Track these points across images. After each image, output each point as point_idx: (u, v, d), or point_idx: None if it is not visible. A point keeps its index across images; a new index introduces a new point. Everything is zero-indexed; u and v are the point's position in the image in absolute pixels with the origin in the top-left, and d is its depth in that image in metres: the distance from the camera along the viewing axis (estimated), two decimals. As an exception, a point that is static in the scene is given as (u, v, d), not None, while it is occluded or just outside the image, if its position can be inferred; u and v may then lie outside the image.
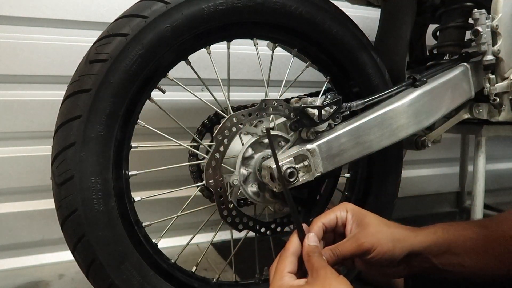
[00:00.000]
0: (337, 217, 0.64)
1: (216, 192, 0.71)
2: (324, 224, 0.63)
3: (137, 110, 0.74)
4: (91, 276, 0.67)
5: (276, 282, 0.53)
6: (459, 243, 0.60)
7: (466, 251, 0.60)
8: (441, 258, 0.61)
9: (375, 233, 0.60)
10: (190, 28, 0.72)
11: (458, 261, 0.60)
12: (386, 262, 0.60)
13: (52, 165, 0.66)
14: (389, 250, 0.59)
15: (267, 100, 0.74)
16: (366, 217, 0.63)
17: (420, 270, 0.63)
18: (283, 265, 0.55)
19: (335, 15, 0.84)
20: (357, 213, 0.64)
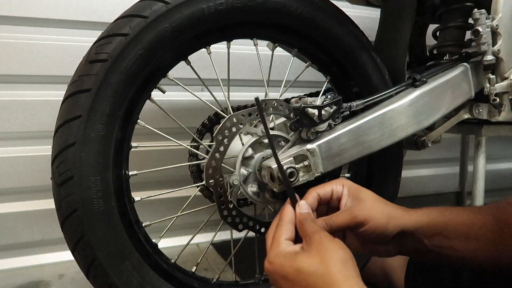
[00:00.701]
0: (332, 190, 0.63)
1: (216, 192, 0.71)
2: (319, 195, 0.62)
3: (137, 110, 0.74)
4: (91, 276, 0.67)
5: (273, 250, 0.53)
6: (452, 227, 0.60)
7: (458, 235, 0.60)
8: (433, 240, 0.61)
9: (370, 208, 0.60)
10: (190, 28, 0.72)
11: (450, 244, 0.60)
12: (378, 237, 0.60)
13: (52, 165, 0.66)
14: (382, 225, 0.59)
15: (267, 100, 0.74)
16: (362, 192, 0.63)
17: (411, 250, 0.63)
18: (280, 232, 0.55)
19: (335, 15, 0.84)
20: (353, 188, 0.63)
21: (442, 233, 0.60)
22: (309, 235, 0.52)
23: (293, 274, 0.50)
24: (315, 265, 0.49)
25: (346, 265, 0.49)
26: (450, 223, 0.61)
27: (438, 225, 0.61)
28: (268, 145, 0.80)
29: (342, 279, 0.47)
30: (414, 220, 0.61)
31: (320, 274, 0.48)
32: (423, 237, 0.61)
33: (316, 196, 0.62)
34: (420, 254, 0.63)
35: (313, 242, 0.51)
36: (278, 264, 0.51)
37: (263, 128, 0.74)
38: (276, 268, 0.52)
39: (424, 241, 0.61)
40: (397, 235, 0.61)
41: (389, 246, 0.63)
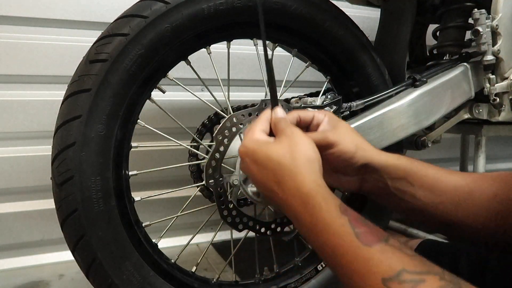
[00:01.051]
0: (314, 116, 0.65)
1: (216, 192, 0.71)
2: (300, 116, 0.64)
3: (137, 110, 0.74)
4: (91, 276, 0.67)
5: (249, 137, 0.56)
6: (418, 176, 0.62)
7: (422, 185, 0.61)
8: (396, 183, 0.62)
9: (342, 133, 0.62)
10: (190, 28, 0.72)
11: (412, 191, 0.61)
12: (343, 164, 0.62)
13: (52, 165, 0.66)
14: (350, 151, 0.61)
15: (267, 100, 0.74)
16: (340, 122, 0.65)
17: (373, 188, 0.64)
18: (256, 124, 0.58)
19: (335, 15, 0.84)
20: (333, 118, 0.65)
21: (407, 179, 0.61)
22: (282, 130, 0.56)
23: (263, 160, 0.53)
24: (285, 155, 0.52)
25: (311, 163, 0.52)
26: (418, 172, 0.62)
27: (405, 170, 0.62)
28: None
29: (306, 173, 0.51)
30: (381, 159, 0.62)
31: (287, 163, 0.52)
32: (387, 178, 0.62)
33: (296, 116, 0.64)
34: (380, 194, 0.64)
35: (285, 135, 0.54)
36: (251, 149, 0.55)
37: None
38: (248, 152, 0.55)
39: (388, 181, 0.62)
40: (362, 168, 0.62)
41: (352, 178, 0.65)
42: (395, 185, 0.62)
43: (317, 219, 0.47)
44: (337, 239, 0.45)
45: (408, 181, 0.62)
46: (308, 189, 0.50)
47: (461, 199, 0.60)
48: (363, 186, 0.66)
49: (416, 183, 0.62)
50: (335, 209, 0.47)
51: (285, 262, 0.90)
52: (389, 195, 0.63)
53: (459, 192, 0.61)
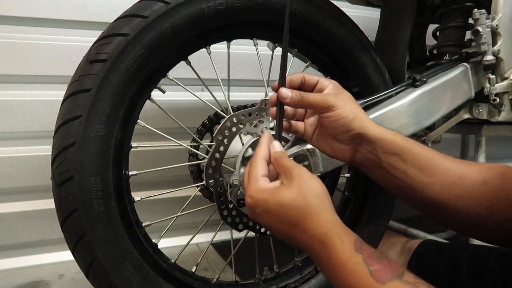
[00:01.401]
0: (319, 80, 0.65)
1: (216, 192, 0.72)
2: (305, 77, 0.64)
3: (137, 110, 0.74)
4: (91, 276, 0.67)
5: (252, 186, 0.55)
6: (411, 154, 0.62)
7: (415, 163, 0.62)
8: (389, 158, 0.63)
9: (342, 100, 0.62)
10: (190, 28, 0.72)
11: (403, 168, 0.62)
12: (340, 129, 0.62)
13: (52, 165, 0.66)
14: (347, 116, 0.61)
15: (267, 100, 0.74)
16: (343, 91, 0.66)
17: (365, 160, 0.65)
18: (256, 169, 0.56)
19: (335, 15, 0.84)
20: (337, 86, 0.66)
21: (400, 155, 0.62)
22: (288, 170, 0.54)
23: (275, 208, 0.52)
24: (297, 199, 0.52)
25: (323, 199, 0.53)
26: (412, 150, 0.63)
27: (399, 146, 0.63)
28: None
29: (321, 212, 0.51)
30: (377, 131, 0.63)
31: (301, 207, 0.51)
32: (380, 151, 0.63)
33: (301, 76, 0.64)
34: (372, 167, 0.65)
35: (293, 176, 0.53)
36: (261, 200, 0.53)
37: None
38: (258, 203, 0.54)
39: (380, 155, 0.63)
40: (357, 137, 0.63)
41: (346, 147, 0.65)
42: (387, 159, 0.63)
43: (335, 259, 0.48)
44: (353, 278, 0.46)
45: (401, 157, 0.62)
46: (324, 230, 0.50)
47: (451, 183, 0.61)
48: (355, 157, 0.66)
49: (408, 161, 0.62)
50: (350, 248, 0.48)
51: (285, 262, 0.90)
52: (380, 169, 0.64)
53: (450, 175, 0.62)
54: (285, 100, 0.61)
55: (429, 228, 1.17)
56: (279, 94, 0.61)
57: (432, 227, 1.23)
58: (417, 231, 1.18)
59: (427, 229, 1.16)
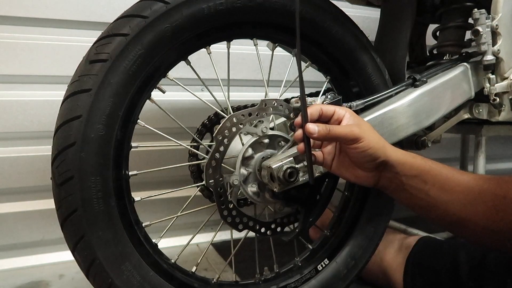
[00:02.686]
0: (335, 110, 0.67)
1: (216, 192, 0.72)
2: (322, 109, 0.66)
3: (137, 110, 0.74)
4: (91, 276, 0.67)
5: None
6: (431, 174, 0.65)
7: (435, 183, 0.64)
8: (410, 180, 0.65)
9: (366, 130, 0.65)
10: (190, 28, 0.72)
11: (425, 189, 0.64)
12: (366, 158, 0.64)
13: (52, 165, 0.66)
14: (374, 147, 0.63)
15: (267, 100, 0.74)
16: (362, 120, 0.68)
17: (388, 184, 0.67)
18: None
19: (335, 15, 0.84)
20: (354, 115, 0.68)
21: (421, 176, 0.64)
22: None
23: None
24: None
25: None
26: (431, 171, 0.65)
27: (419, 168, 0.65)
28: (267, 145, 0.80)
29: None
30: (398, 155, 0.65)
31: None
32: (402, 174, 0.65)
33: (319, 109, 0.66)
34: (395, 190, 0.67)
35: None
36: None
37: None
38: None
39: (402, 178, 0.65)
40: (381, 165, 0.65)
41: (369, 174, 0.67)
42: (409, 182, 0.65)
43: None
44: None
45: (422, 179, 0.64)
46: None
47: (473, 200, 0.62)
48: (378, 182, 0.68)
49: (429, 182, 0.64)
50: None
51: (285, 262, 0.90)
52: (403, 191, 0.66)
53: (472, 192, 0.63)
54: (313, 135, 0.62)
55: (429, 228, 1.17)
56: (306, 130, 0.62)
57: (432, 227, 1.23)
58: (417, 231, 1.18)
59: (427, 229, 1.16)
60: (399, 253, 0.96)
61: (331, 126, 0.63)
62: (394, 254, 0.97)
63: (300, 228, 0.72)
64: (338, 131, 0.63)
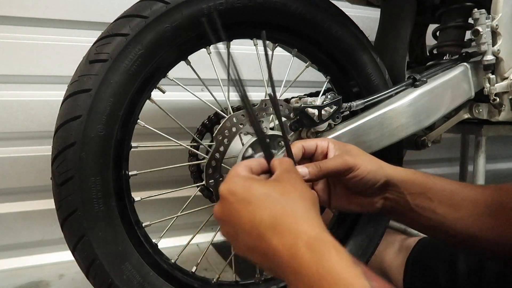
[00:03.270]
0: (317, 144, 0.62)
1: (216, 192, 0.71)
2: (304, 147, 0.61)
3: (137, 110, 0.74)
4: (91, 276, 0.67)
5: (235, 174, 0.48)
6: (435, 191, 0.61)
7: (441, 200, 0.61)
8: (415, 198, 0.61)
9: (358, 155, 0.60)
10: (190, 28, 0.72)
11: (431, 206, 0.61)
12: (365, 185, 0.60)
13: (52, 165, 0.66)
14: (372, 170, 0.59)
15: (267, 100, 0.74)
16: (348, 145, 0.63)
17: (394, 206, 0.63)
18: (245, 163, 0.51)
19: (335, 15, 0.84)
20: (338, 143, 0.63)
21: (426, 194, 0.61)
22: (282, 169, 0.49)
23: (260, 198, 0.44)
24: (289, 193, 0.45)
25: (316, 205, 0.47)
26: (435, 187, 0.61)
27: (423, 185, 0.61)
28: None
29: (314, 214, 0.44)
30: (399, 173, 0.61)
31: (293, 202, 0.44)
32: (407, 193, 0.61)
33: (301, 147, 0.60)
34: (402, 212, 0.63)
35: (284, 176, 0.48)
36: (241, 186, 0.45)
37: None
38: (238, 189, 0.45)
39: (407, 197, 0.61)
40: (383, 187, 0.61)
41: (374, 199, 0.63)
42: (414, 201, 0.61)
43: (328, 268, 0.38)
44: None
45: (427, 196, 0.61)
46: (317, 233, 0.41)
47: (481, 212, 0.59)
48: (384, 205, 0.64)
49: (435, 198, 0.61)
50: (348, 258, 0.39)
51: (285, 262, 0.90)
52: (410, 212, 0.62)
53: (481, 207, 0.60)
54: (305, 178, 0.56)
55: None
56: None
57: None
58: (417, 232, 1.18)
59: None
60: (399, 254, 0.96)
61: (321, 163, 0.58)
62: (394, 255, 0.97)
63: None
64: (330, 165, 0.58)
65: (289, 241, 0.41)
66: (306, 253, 0.39)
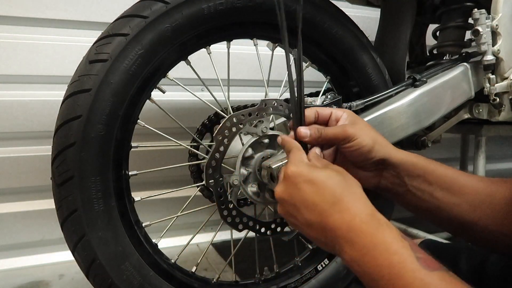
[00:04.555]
0: (332, 112, 0.65)
1: (216, 192, 0.71)
2: (318, 112, 0.64)
3: (137, 110, 0.74)
4: (91, 276, 0.67)
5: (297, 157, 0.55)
6: (435, 175, 0.62)
7: (440, 185, 0.62)
8: (414, 181, 0.62)
9: (360, 128, 0.62)
10: (190, 28, 0.72)
11: (429, 190, 0.62)
12: (362, 157, 0.62)
13: (52, 165, 0.66)
14: (368, 144, 0.61)
15: (267, 100, 0.74)
16: (359, 119, 0.65)
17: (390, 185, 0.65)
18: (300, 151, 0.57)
19: (335, 15, 0.84)
20: (352, 115, 0.65)
21: (425, 177, 0.62)
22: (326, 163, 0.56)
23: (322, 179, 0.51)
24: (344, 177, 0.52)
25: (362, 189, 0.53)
26: (435, 171, 0.63)
27: (422, 169, 0.62)
28: (267, 145, 0.80)
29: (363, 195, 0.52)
30: (399, 155, 0.63)
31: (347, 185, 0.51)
32: (405, 175, 0.63)
33: (314, 111, 0.64)
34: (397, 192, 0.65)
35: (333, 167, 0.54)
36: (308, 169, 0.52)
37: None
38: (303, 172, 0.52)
39: (405, 178, 0.63)
40: (380, 163, 0.63)
41: (370, 174, 0.65)
42: (412, 182, 0.63)
43: (379, 239, 0.46)
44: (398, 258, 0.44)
45: (426, 179, 0.62)
46: (370, 210, 0.50)
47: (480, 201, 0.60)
48: (380, 183, 0.66)
49: (434, 182, 0.62)
50: (397, 232, 0.47)
51: (285, 262, 0.90)
52: (406, 193, 0.64)
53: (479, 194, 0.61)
54: (305, 139, 0.60)
55: (429, 228, 1.17)
56: (298, 134, 0.61)
57: (432, 227, 1.23)
58: (417, 231, 1.18)
59: (427, 229, 1.16)
60: None
61: (323, 129, 0.61)
62: None
63: None
64: (330, 132, 0.62)
65: (348, 217, 0.48)
66: (363, 226, 0.47)
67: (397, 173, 0.63)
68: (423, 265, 0.43)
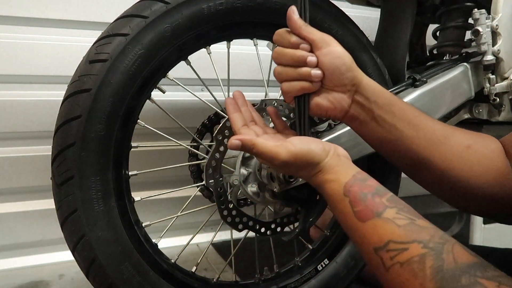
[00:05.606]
0: None
1: (216, 192, 0.71)
2: None
3: (137, 110, 0.74)
4: (91, 276, 0.67)
5: None
6: (399, 107, 0.65)
7: (402, 116, 0.65)
8: (380, 109, 0.64)
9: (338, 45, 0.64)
10: (190, 28, 0.72)
11: (392, 121, 0.65)
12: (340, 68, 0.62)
13: (52, 165, 0.66)
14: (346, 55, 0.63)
15: (267, 100, 0.74)
16: None
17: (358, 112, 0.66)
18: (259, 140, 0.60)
19: (335, 15, 0.84)
20: None
21: (390, 107, 0.65)
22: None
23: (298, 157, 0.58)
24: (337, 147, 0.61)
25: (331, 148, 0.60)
26: (399, 104, 0.66)
27: (389, 99, 0.65)
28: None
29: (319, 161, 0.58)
30: (371, 82, 0.65)
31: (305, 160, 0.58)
32: (373, 101, 0.64)
33: None
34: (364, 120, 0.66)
35: None
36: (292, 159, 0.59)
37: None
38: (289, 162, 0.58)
39: (372, 105, 0.64)
40: (354, 85, 0.64)
41: (344, 96, 0.65)
42: (378, 111, 0.64)
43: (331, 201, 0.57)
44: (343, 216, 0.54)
45: (391, 109, 0.65)
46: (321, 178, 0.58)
47: (437, 140, 0.65)
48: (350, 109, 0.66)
49: (397, 114, 0.65)
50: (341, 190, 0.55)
51: (285, 262, 0.90)
52: (372, 121, 0.65)
53: (436, 133, 0.65)
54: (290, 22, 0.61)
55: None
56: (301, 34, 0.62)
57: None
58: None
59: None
60: None
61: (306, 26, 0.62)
62: None
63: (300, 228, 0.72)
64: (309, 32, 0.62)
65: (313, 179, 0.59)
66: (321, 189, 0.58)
67: (366, 98, 0.64)
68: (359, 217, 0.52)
